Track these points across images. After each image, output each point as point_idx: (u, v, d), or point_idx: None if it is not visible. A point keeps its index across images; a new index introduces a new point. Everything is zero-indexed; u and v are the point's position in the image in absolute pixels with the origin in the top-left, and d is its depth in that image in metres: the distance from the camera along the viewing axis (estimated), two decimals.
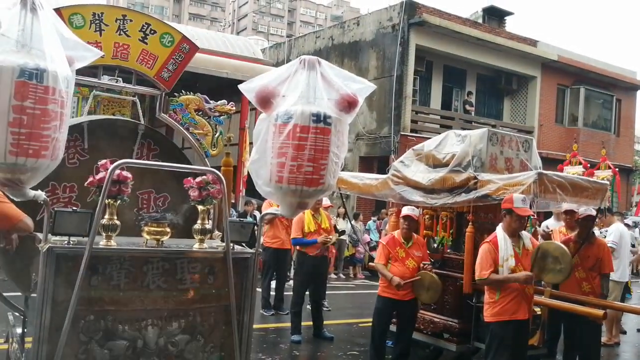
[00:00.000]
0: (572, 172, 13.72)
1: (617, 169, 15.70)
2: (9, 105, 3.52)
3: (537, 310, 7.63)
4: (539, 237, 10.13)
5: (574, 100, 28.28)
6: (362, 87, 4.47)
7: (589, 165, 15.25)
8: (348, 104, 4.32)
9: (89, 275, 4.00)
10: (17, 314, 5.57)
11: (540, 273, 6.57)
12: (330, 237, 9.61)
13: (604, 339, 9.85)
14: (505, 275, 6.32)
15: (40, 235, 4.11)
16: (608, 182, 9.55)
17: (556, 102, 27.87)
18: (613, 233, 10.71)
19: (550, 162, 16.80)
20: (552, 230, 9.94)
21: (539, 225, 11.62)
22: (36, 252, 4.13)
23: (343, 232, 10.96)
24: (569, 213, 8.70)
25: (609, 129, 29.75)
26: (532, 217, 8.35)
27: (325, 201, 10.58)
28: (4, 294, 5.69)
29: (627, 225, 12.04)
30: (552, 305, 7.52)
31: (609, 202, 10.12)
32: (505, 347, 6.36)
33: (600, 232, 10.66)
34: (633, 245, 11.38)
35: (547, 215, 12.29)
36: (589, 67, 28.13)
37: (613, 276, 9.94)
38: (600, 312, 7.00)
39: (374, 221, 19.40)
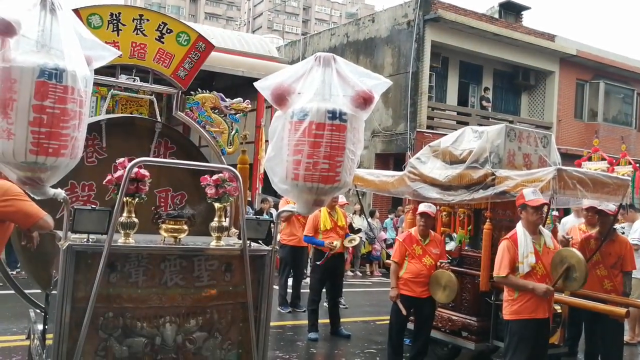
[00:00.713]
0: (594, 168, 13.56)
1: (637, 165, 15.55)
2: (30, 104, 3.57)
3: (558, 308, 7.53)
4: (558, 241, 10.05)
5: (594, 95, 28.06)
6: (377, 84, 4.47)
7: (614, 160, 15.06)
8: (364, 101, 4.32)
9: (108, 272, 4.04)
10: (38, 310, 5.64)
11: (559, 279, 6.49)
12: (335, 243, 9.54)
13: (626, 337, 9.74)
14: (524, 281, 6.21)
15: (60, 233, 4.16)
16: (629, 178, 9.46)
17: (575, 97, 27.67)
18: (638, 230, 10.59)
19: (569, 158, 16.68)
20: (572, 237, 9.82)
21: (559, 222, 11.53)
22: (56, 249, 4.18)
23: (359, 230, 10.94)
24: (590, 210, 8.59)
25: (629, 123, 29.47)
26: (552, 210, 8.25)
27: (341, 199, 10.59)
28: (25, 291, 5.77)
29: None
30: (573, 303, 7.44)
31: (630, 199, 10.01)
32: (525, 346, 6.27)
33: (618, 229, 10.53)
34: None
35: (567, 211, 12.20)
36: (608, 61, 27.88)
37: (637, 274, 9.86)
38: (623, 310, 6.90)
39: (391, 219, 19.37)
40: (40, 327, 5.23)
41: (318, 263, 9.65)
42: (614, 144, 24.50)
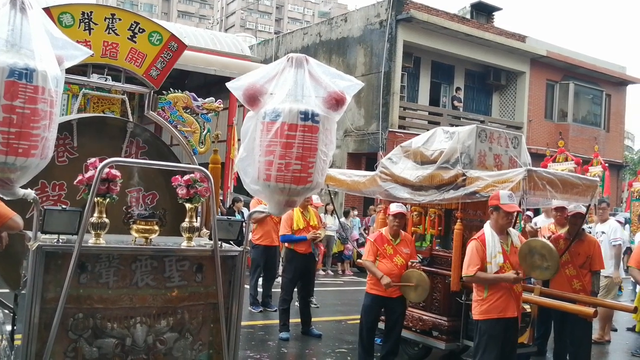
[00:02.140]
0: (561, 168, 13.66)
1: (607, 165, 15.73)
2: None
3: (527, 308, 7.63)
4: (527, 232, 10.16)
5: (563, 95, 28.37)
6: (349, 85, 4.50)
7: (582, 161, 15.19)
8: (336, 102, 4.34)
9: (78, 273, 4.03)
10: (6, 311, 5.58)
11: (528, 270, 6.57)
12: (319, 232, 9.61)
13: (595, 336, 9.89)
14: (493, 275, 6.29)
15: (29, 234, 4.12)
16: (599, 179, 9.58)
17: (545, 97, 27.94)
18: (617, 230, 10.72)
19: (540, 158, 16.82)
20: (539, 228, 9.94)
21: (534, 224, 11.63)
22: (25, 250, 4.15)
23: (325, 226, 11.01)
24: (560, 210, 8.69)
25: (598, 124, 29.85)
26: (521, 214, 8.34)
27: (317, 200, 10.62)
28: None
29: (618, 222, 12.08)
30: (542, 303, 7.53)
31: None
32: (494, 345, 6.33)
33: (590, 227, 10.66)
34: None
35: (538, 211, 12.32)
36: (578, 62, 28.20)
37: (612, 273, 10.06)
38: (591, 310, 7.01)
39: (354, 217, 19.21)
40: (8, 327, 5.17)
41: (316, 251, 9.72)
42: (584, 144, 24.82)
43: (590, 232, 9.78)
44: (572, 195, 7.55)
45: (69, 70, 4.16)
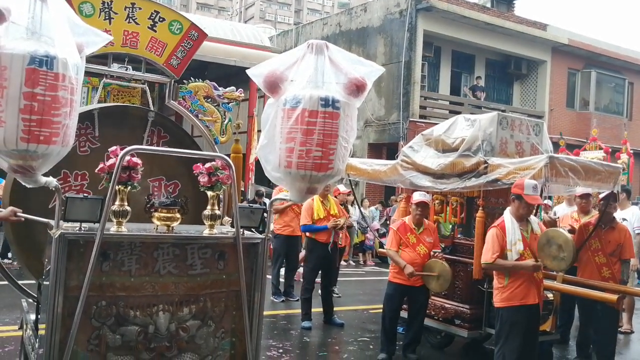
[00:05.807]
0: (591, 157, 13.53)
1: (632, 152, 15.60)
2: (20, 92, 3.56)
3: (550, 295, 7.60)
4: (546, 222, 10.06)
5: (585, 84, 28.06)
6: (370, 71, 4.47)
7: (610, 150, 15.03)
8: (356, 88, 4.32)
9: (101, 261, 4.04)
10: (30, 300, 5.63)
11: (545, 260, 6.52)
12: (339, 220, 9.59)
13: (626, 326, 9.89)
14: (513, 262, 6.27)
15: (52, 222, 4.14)
16: (623, 165, 9.48)
17: (567, 86, 27.67)
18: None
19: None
20: (558, 217, 9.85)
21: (554, 213, 11.54)
22: (48, 238, 4.16)
23: (351, 226, 10.92)
24: (585, 197, 8.61)
25: (621, 112, 29.49)
26: (545, 198, 8.26)
27: (343, 188, 10.66)
28: (18, 281, 5.75)
29: None
30: (565, 290, 7.48)
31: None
32: (516, 333, 6.32)
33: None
34: None
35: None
36: (600, 50, 27.88)
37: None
38: (614, 296, 6.93)
39: (376, 209, 19.19)
40: (32, 317, 5.22)
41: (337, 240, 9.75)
42: (606, 133, 24.53)
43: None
44: (595, 182, 7.45)
45: (89, 61, 4.17)
